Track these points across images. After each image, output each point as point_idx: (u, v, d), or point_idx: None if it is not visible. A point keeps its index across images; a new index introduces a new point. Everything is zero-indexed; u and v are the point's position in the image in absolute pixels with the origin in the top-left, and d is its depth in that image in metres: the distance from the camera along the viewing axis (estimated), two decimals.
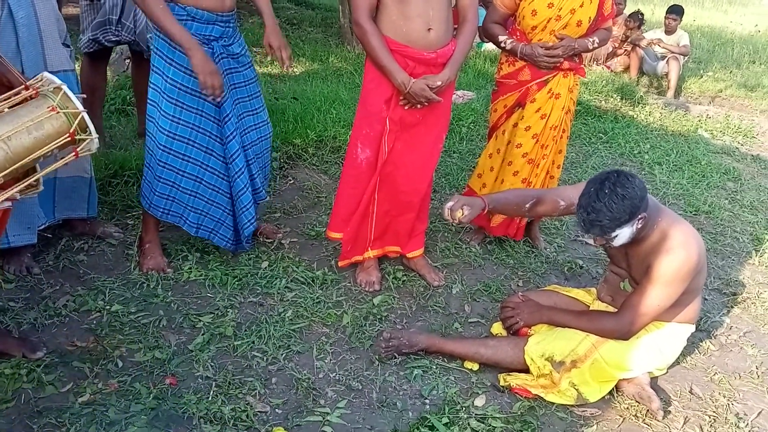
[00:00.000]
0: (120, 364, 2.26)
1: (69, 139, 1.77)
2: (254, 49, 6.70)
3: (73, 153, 1.81)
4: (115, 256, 2.89)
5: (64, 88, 1.78)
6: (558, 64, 2.90)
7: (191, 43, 2.41)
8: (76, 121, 1.76)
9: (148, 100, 2.59)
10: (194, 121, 2.59)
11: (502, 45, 2.95)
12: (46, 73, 1.84)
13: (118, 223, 3.12)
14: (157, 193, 2.67)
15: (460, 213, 2.38)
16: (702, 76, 7.93)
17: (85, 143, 1.80)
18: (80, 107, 1.77)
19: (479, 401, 2.27)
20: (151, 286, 2.69)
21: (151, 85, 2.57)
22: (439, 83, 2.51)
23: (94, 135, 1.80)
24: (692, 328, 2.45)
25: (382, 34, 2.47)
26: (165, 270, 2.79)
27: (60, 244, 2.89)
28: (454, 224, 2.73)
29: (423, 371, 2.39)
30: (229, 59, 2.64)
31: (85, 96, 2.35)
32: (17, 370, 2.15)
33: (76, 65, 5.00)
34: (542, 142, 3.02)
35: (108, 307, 2.53)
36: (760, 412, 2.37)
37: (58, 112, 1.74)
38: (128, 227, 3.07)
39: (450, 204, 2.39)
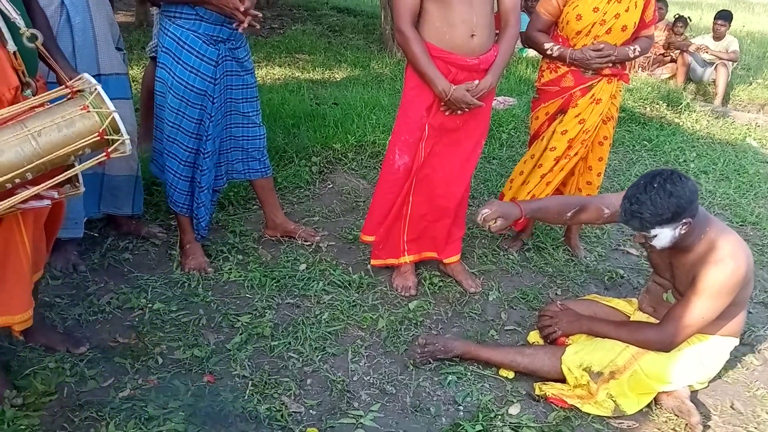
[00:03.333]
0: (160, 360, 2.31)
1: (99, 138, 1.79)
2: (295, 55, 6.81)
3: (104, 153, 1.84)
4: (158, 255, 2.97)
5: (99, 88, 1.81)
6: (608, 65, 2.86)
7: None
8: (107, 121, 1.79)
9: (156, 92, 2.69)
10: (198, 116, 2.67)
11: (549, 52, 2.92)
12: (85, 74, 1.87)
13: (162, 224, 3.20)
14: (175, 189, 2.78)
15: (493, 222, 2.37)
16: (751, 84, 7.70)
17: (117, 144, 1.83)
18: (112, 108, 1.79)
19: (514, 409, 2.25)
20: (192, 286, 2.75)
21: (158, 80, 2.66)
22: (480, 89, 2.51)
23: (126, 136, 1.82)
24: (736, 341, 2.39)
25: (423, 41, 2.48)
26: (206, 270, 2.85)
27: (106, 243, 2.98)
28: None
29: (457, 377, 2.38)
30: (233, 62, 2.71)
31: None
32: (61, 364, 2.22)
33: (137, 70, 5.18)
34: (571, 144, 2.99)
35: (150, 305, 2.59)
36: None
37: (89, 111, 1.77)
38: (172, 228, 3.14)
39: (485, 212, 2.38)
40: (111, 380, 2.19)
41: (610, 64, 2.87)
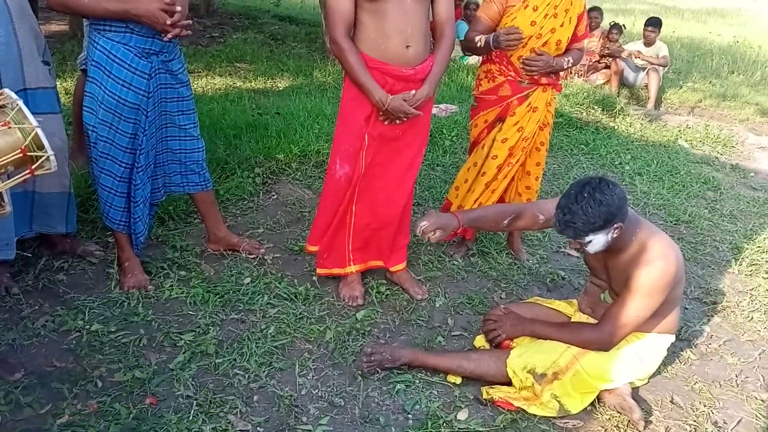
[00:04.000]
0: (100, 384, 2.24)
1: (21, 155, 1.73)
2: (236, 64, 6.74)
3: (28, 171, 1.78)
4: (95, 274, 2.88)
5: (20, 104, 1.75)
6: (546, 73, 2.93)
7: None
8: (30, 137, 1.73)
9: (84, 108, 2.62)
10: (131, 131, 2.62)
11: (478, 44, 2.96)
12: (6, 90, 1.81)
13: (98, 242, 3.11)
14: (110, 206, 2.71)
15: (432, 234, 2.40)
16: (682, 87, 8.03)
17: (41, 160, 1.77)
18: (35, 123, 1.74)
19: (462, 415, 2.27)
20: (132, 305, 2.68)
21: (87, 94, 2.60)
22: (417, 99, 2.53)
23: (50, 152, 1.76)
24: (672, 338, 2.47)
25: (359, 52, 2.49)
26: (146, 288, 2.78)
27: (40, 263, 2.87)
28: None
29: (406, 386, 2.38)
30: (167, 75, 2.67)
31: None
32: None
33: (71, 82, 5.01)
34: (512, 152, 3.06)
35: (88, 326, 2.51)
36: (739, 421, 2.39)
37: (11, 128, 1.72)
38: (109, 245, 3.05)
39: (423, 224, 2.41)
40: (48, 407, 2.11)
41: (547, 72, 2.94)
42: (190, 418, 2.13)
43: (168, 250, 3.10)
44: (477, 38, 2.97)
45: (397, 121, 2.57)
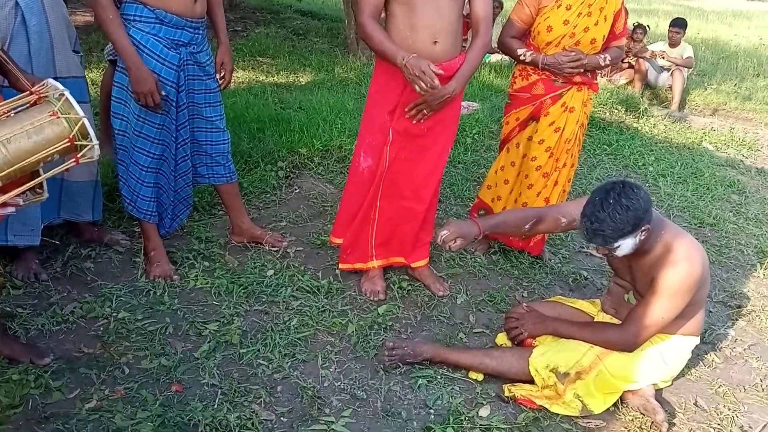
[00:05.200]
0: (126, 371, 2.27)
1: (69, 144, 1.77)
2: (259, 58, 6.77)
3: (74, 159, 1.82)
4: (122, 263, 2.91)
5: (67, 94, 1.78)
6: (580, 70, 2.91)
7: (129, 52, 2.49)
8: (77, 127, 1.76)
9: (113, 98, 2.65)
10: (159, 121, 2.64)
11: (522, 58, 2.96)
12: (50, 80, 1.85)
13: (125, 231, 3.14)
14: (138, 196, 2.75)
15: (452, 243, 2.39)
16: (706, 89, 7.95)
17: (86, 149, 1.81)
18: (81, 113, 1.77)
19: (484, 411, 2.27)
20: (158, 294, 2.71)
21: (117, 84, 2.63)
22: (443, 94, 2.50)
23: (95, 141, 1.80)
24: (697, 340, 2.46)
25: (386, 32, 2.50)
26: (171, 277, 2.81)
27: (68, 251, 2.91)
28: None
29: (427, 381, 2.39)
30: (195, 66, 2.69)
31: None
32: (25, 375, 2.16)
33: (97, 73, 5.08)
34: (556, 155, 3.04)
35: (115, 314, 2.54)
36: (764, 426, 2.37)
37: (58, 117, 1.75)
38: (135, 235, 3.09)
39: (444, 233, 2.40)
40: (77, 391, 2.14)
41: (581, 71, 2.92)
42: (215, 406, 2.15)
43: (193, 240, 3.13)
44: (521, 52, 2.95)
45: (416, 87, 2.43)
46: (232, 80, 3.01)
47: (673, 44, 7.45)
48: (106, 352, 2.34)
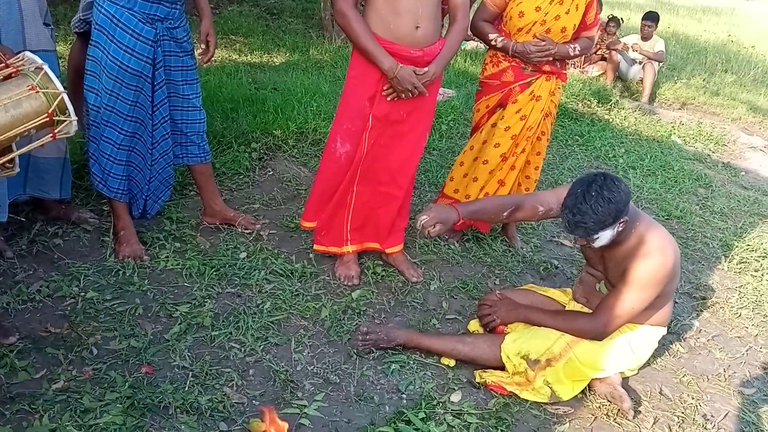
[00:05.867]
0: (95, 351, 2.23)
1: (47, 119, 1.74)
2: (232, 36, 6.65)
3: (51, 134, 1.78)
4: (90, 242, 2.85)
5: (45, 68, 1.75)
6: (548, 59, 2.92)
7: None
8: (56, 102, 1.73)
9: (87, 71, 2.59)
10: (132, 97, 2.59)
11: (493, 43, 2.97)
12: (27, 53, 1.81)
13: (93, 209, 3.07)
14: (109, 174, 2.69)
15: (432, 228, 2.40)
16: (676, 83, 8.07)
17: (63, 125, 1.78)
18: (60, 88, 1.74)
19: (455, 397, 2.29)
20: (127, 274, 2.66)
21: (90, 58, 2.57)
22: (424, 79, 2.51)
23: (73, 117, 1.78)
24: (664, 330, 2.51)
25: (366, 23, 2.47)
26: (142, 258, 2.76)
27: (34, 229, 2.84)
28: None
29: (400, 366, 2.40)
30: (171, 42, 2.63)
31: None
32: None
33: (64, 46, 4.93)
34: (517, 141, 3.06)
35: (83, 293, 2.49)
36: (726, 414, 2.44)
37: (37, 92, 1.71)
38: (104, 213, 3.02)
39: (423, 218, 2.40)
40: (43, 371, 2.10)
41: (550, 60, 2.94)
42: (186, 388, 2.13)
43: (164, 221, 3.07)
44: (493, 37, 2.95)
45: (403, 96, 2.52)
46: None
47: (645, 37, 7.53)
48: (74, 332, 2.29)
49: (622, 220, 2.23)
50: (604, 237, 2.26)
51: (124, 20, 2.47)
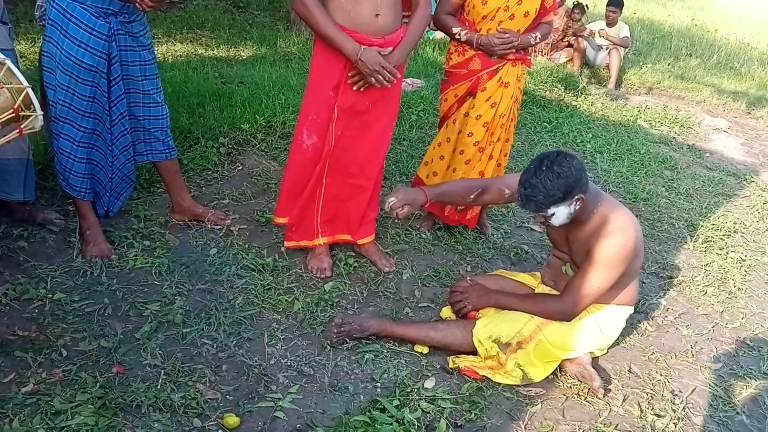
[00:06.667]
0: (64, 353, 2.20)
1: (13, 114, 1.70)
2: (197, 31, 6.58)
3: (17, 130, 1.75)
4: (56, 243, 2.81)
5: (8, 62, 1.72)
6: (512, 51, 2.94)
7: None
8: (21, 97, 1.70)
9: (43, 67, 2.56)
10: (89, 93, 2.55)
11: (457, 36, 2.97)
12: None
13: (58, 210, 3.03)
14: (70, 172, 2.65)
15: (400, 209, 2.42)
16: (642, 68, 8.18)
17: (29, 120, 1.74)
18: (25, 82, 1.71)
19: (429, 383, 2.31)
20: (95, 274, 2.63)
21: (45, 54, 2.53)
22: (389, 53, 2.50)
23: (39, 112, 1.75)
24: (631, 309, 2.56)
25: (327, 12, 2.46)
26: (109, 257, 2.73)
27: None
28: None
29: (374, 355, 2.41)
30: (127, 36, 2.58)
31: None
32: None
33: (25, 45, 4.83)
34: (491, 130, 3.08)
35: (50, 295, 2.46)
36: (694, 389, 2.50)
37: (2, 88, 1.68)
38: (70, 214, 2.98)
39: (391, 200, 2.43)
40: (12, 375, 2.07)
41: (514, 50, 2.96)
42: (159, 386, 2.12)
43: (132, 219, 3.04)
44: (456, 30, 2.96)
45: (372, 80, 2.49)
46: (170, 53, 2.91)
47: (610, 23, 7.61)
48: (42, 335, 2.26)
49: (576, 197, 2.27)
50: (560, 214, 2.30)
51: (77, 14, 2.42)
